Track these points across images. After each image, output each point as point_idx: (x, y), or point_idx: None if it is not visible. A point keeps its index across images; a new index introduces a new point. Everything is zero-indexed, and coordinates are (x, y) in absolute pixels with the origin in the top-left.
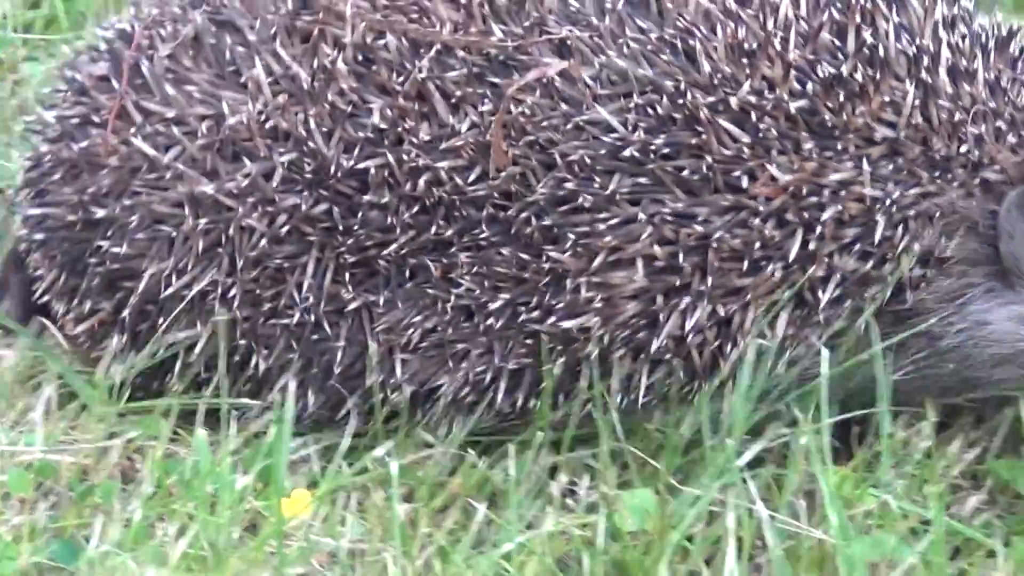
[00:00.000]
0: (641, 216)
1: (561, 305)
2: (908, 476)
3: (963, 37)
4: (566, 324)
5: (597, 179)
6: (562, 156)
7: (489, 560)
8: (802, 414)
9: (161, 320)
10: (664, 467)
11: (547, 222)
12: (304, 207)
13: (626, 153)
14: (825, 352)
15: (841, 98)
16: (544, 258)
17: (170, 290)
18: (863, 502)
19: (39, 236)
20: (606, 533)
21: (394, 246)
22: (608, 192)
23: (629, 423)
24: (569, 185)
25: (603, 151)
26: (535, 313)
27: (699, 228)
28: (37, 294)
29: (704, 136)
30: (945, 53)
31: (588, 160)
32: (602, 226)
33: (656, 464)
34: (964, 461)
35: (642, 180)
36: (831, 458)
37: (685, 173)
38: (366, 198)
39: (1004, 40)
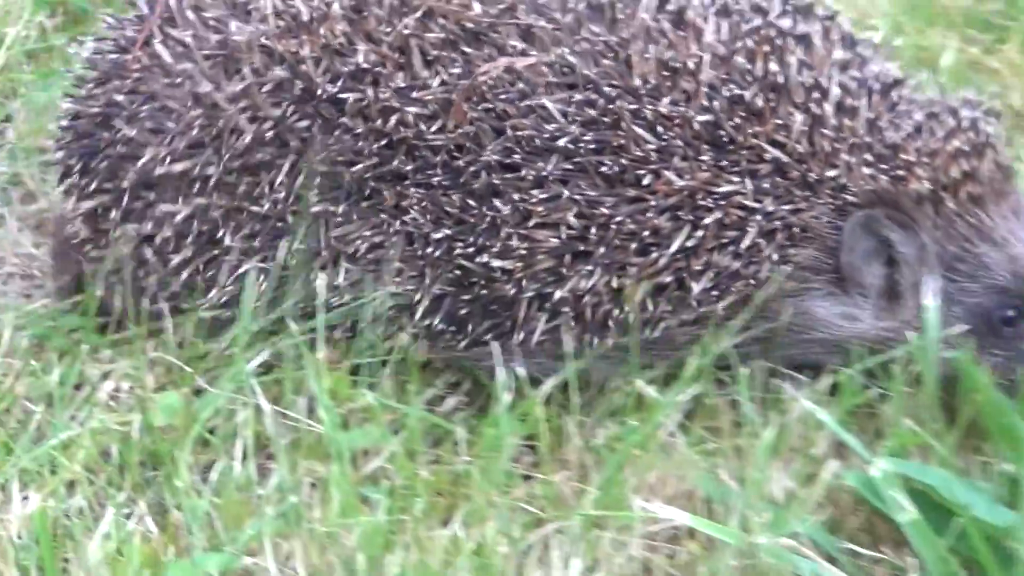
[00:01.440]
0: (566, 194)
1: (492, 247)
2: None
3: (853, 79)
4: (494, 263)
5: (538, 157)
6: (512, 129)
7: (43, 451)
8: (296, 325)
9: (153, 196)
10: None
11: (493, 179)
12: (288, 119)
13: (561, 142)
14: (322, 279)
15: (741, 117)
16: (485, 207)
17: (162, 169)
18: (355, 400)
19: (66, 124)
20: (141, 428)
21: (359, 167)
22: (545, 171)
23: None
24: (516, 156)
25: (545, 135)
26: (469, 249)
27: (607, 211)
28: (58, 182)
29: (624, 138)
30: (835, 90)
31: (533, 139)
32: (536, 194)
33: (187, 368)
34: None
35: (570, 166)
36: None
37: (604, 167)
38: (342, 120)
39: (888, 87)
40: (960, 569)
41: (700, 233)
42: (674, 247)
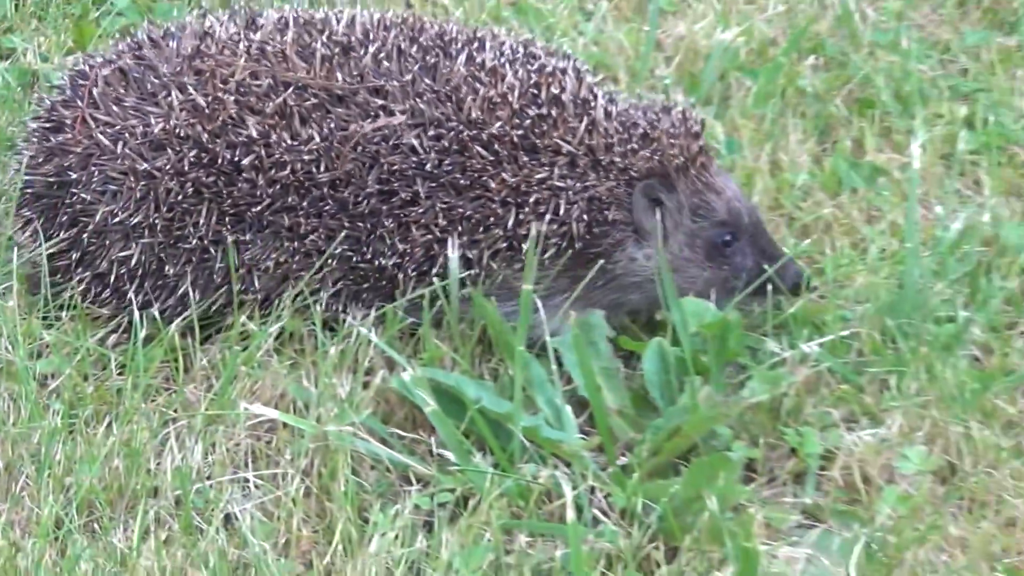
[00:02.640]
0: (436, 205)
1: (382, 252)
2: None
3: (603, 96)
4: (387, 263)
5: (409, 182)
6: (388, 165)
7: None
8: None
9: (106, 242)
10: None
11: (375, 204)
12: (202, 178)
13: (427, 167)
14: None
15: (543, 128)
16: (371, 224)
17: (115, 220)
18: (42, 338)
19: (28, 192)
20: None
21: (258, 207)
22: (418, 191)
23: None
24: (394, 184)
25: (413, 165)
26: (367, 256)
27: (461, 210)
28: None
29: (469, 158)
30: (600, 103)
31: (405, 170)
32: (412, 209)
33: None
34: None
35: (434, 184)
36: None
37: (459, 180)
38: (242, 175)
39: (617, 99)
40: (472, 445)
41: (525, 210)
42: (509, 223)
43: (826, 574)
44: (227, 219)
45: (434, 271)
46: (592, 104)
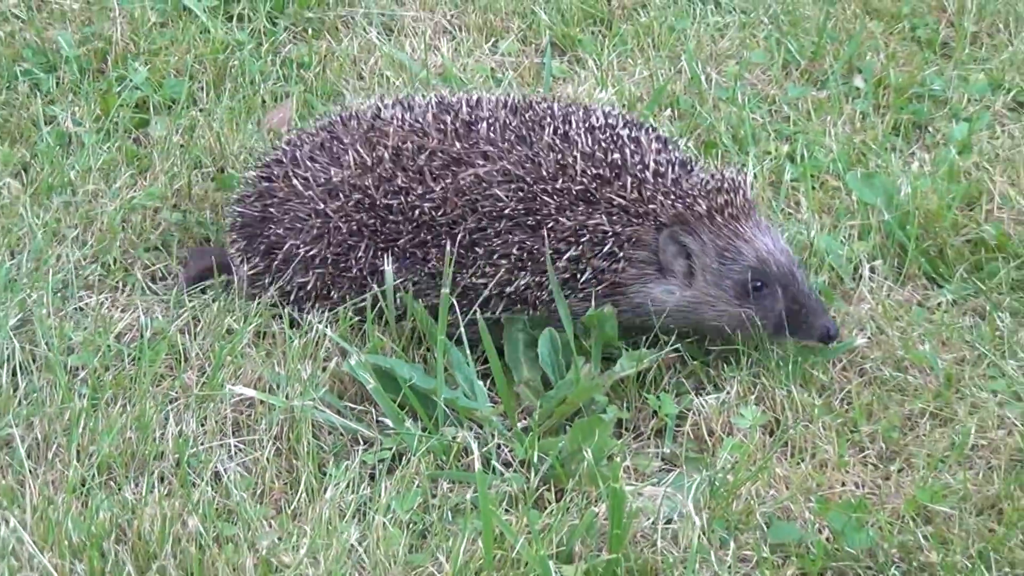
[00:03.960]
0: (512, 239)
1: (476, 273)
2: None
3: (664, 159)
4: (478, 282)
5: (498, 222)
6: (481, 208)
7: None
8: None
9: (290, 271)
10: None
11: (473, 237)
12: (363, 218)
13: (507, 211)
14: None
15: (598, 184)
16: (471, 253)
17: (298, 252)
18: (72, 339)
19: (239, 220)
20: None
21: (402, 240)
22: (503, 229)
23: None
24: (483, 223)
25: (498, 210)
26: (466, 275)
27: (529, 244)
28: (232, 256)
29: (539, 206)
30: (652, 165)
31: (492, 212)
32: (495, 241)
33: None
34: None
35: (511, 223)
36: None
37: (530, 222)
38: (391, 217)
39: (684, 163)
40: (405, 414)
41: (580, 248)
42: (566, 257)
43: (679, 506)
44: (380, 252)
45: (509, 290)
46: (646, 166)
